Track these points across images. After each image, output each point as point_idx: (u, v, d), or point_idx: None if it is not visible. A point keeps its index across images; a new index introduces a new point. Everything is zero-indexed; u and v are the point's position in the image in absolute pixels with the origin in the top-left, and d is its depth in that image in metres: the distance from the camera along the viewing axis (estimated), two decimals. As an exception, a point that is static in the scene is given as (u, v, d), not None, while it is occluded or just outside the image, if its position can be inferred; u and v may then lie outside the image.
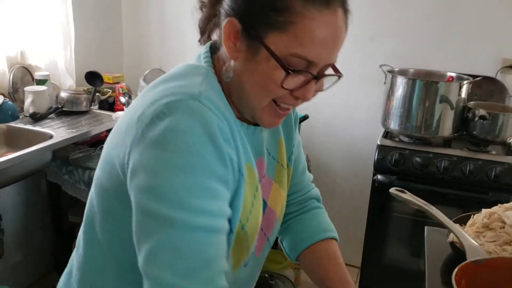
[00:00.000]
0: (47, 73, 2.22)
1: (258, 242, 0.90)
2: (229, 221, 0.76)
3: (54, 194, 2.39)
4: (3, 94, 2.06)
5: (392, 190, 0.97)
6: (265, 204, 0.91)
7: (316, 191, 1.12)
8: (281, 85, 0.74)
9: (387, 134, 2.34)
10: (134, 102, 0.82)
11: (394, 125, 2.24)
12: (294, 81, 0.75)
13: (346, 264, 2.98)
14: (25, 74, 2.19)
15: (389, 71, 2.28)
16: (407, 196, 0.95)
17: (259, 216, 0.87)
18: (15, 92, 2.13)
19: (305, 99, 0.78)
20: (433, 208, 0.92)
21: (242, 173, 0.77)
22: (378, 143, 2.23)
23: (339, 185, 2.80)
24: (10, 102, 2.03)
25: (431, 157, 2.11)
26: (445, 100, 2.10)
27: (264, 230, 0.93)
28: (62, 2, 2.28)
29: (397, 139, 2.29)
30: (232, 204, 0.77)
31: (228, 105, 0.79)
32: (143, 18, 2.89)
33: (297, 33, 0.71)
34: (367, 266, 2.39)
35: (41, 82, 2.17)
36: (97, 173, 0.83)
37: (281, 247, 1.10)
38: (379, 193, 2.22)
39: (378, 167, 2.20)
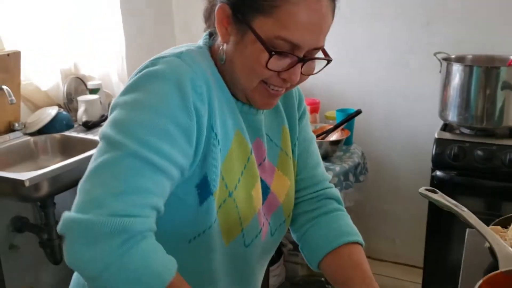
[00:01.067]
0: (99, 82, 2.29)
1: (263, 226, 0.92)
2: (206, 179, 0.80)
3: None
4: (58, 105, 2.15)
5: (422, 190, 0.89)
6: (268, 188, 0.93)
7: (335, 191, 1.05)
8: (266, 66, 0.78)
9: (446, 127, 2.19)
10: None
11: (452, 116, 2.09)
12: (279, 63, 0.79)
13: (412, 266, 2.86)
14: (79, 84, 2.28)
15: (445, 59, 2.13)
16: (438, 196, 0.86)
17: (252, 190, 0.88)
18: (69, 103, 2.22)
19: (292, 81, 0.82)
20: (465, 209, 0.82)
21: (216, 134, 0.81)
22: (436, 136, 2.09)
23: (402, 183, 2.66)
24: (64, 112, 2.12)
25: (495, 150, 1.95)
26: (507, 86, 1.93)
27: (266, 215, 0.93)
28: (111, 12, 2.34)
29: (457, 131, 2.14)
30: (204, 160, 0.80)
31: (218, 75, 0.85)
32: (195, 23, 2.90)
33: (281, 17, 0.76)
34: (430, 267, 2.26)
35: (93, 91, 2.25)
36: None
37: (303, 255, 1.03)
38: (439, 188, 2.08)
39: (437, 163, 2.06)
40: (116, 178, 0.71)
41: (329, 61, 0.84)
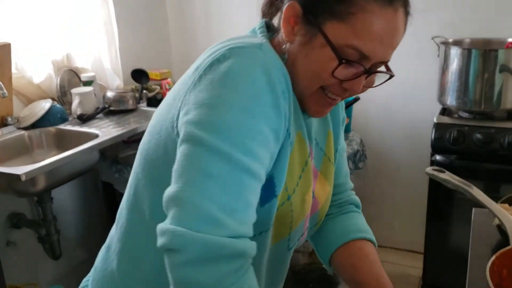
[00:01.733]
0: (92, 74, 2.26)
1: (306, 231, 0.89)
2: (272, 180, 0.76)
3: (110, 193, 2.44)
4: (52, 98, 2.12)
5: (429, 169, 0.87)
6: (312, 193, 0.88)
7: (356, 198, 1.05)
8: (332, 74, 0.74)
9: (445, 111, 2.18)
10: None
11: (451, 100, 2.08)
12: (345, 72, 0.75)
13: (412, 251, 2.87)
14: (72, 76, 2.24)
15: (443, 43, 2.11)
16: (445, 175, 0.84)
17: (307, 194, 0.84)
18: (63, 95, 2.18)
19: (353, 92, 0.78)
20: (474, 187, 0.81)
21: (289, 134, 0.77)
22: (435, 121, 2.08)
23: (400, 171, 2.66)
24: (58, 105, 2.09)
25: (494, 133, 1.94)
26: (506, 69, 1.92)
27: (306, 217, 0.89)
28: (103, 2, 2.31)
29: (455, 115, 2.13)
30: (276, 162, 0.76)
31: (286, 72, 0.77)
32: (188, 11, 2.87)
33: (356, 25, 0.72)
34: (430, 251, 2.26)
35: (87, 83, 2.22)
36: (143, 145, 0.82)
37: (315, 250, 1.03)
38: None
39: (436, 147, 2.05)
40: (226, 193, 0.66)
41: (391, 76, 0.80)
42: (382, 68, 0.79)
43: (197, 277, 0.64)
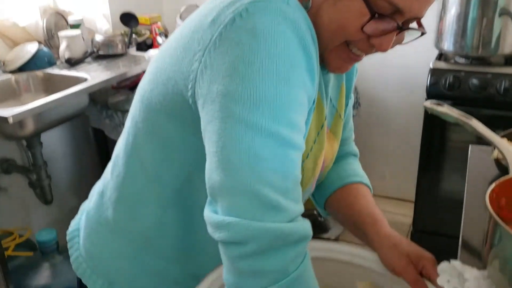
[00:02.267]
0: (80, 17, 2.18)
1: (312, 190, 0.86)
2: None
3: (100, 139, 2.41)
4: (39, 41, 2.05)
5: (427, 103, 0.85)
6: None
7: (355, 148, 1.01)
8: (361, 28, 0.66)
9: (441, 57, 2.14)
10: (195, 13, 0.73)
11: (448, 45, 2.04)
12: (375, 27, 0.67)
13: (403, 200, 2.89)
14: (59, 19, 2.17)
15: (441, -14, 2.05)
16: (444, 109, 0.82)
17: (319, 159, 0.80)
18: (50, 39, 2.12)
19: (381, 49, 0.69)
20: (474, 119, 0.79)
21: (315, 97, 0.71)
22: (431, 66, 2.05)
23: (394, 120, 2.64)
24: (45, 49, 2.03)
25: (490, 78, 1.91)
26: (505, 12, 1.86)
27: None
28: None
29: (452, 61, 2.09)
30: None
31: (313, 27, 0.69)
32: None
33: None
34: (421, 199, 2.27)
35: (74, 26, 2.14)
36: (144, 89, 0.76)
37: (311, 197, 1.00)
38: (432, 121, 2.06)
39: (431, 93, 2.02)
40: (278, 173, 0.61)
41: (423, 33, 0.73)
42: (414, 25, 0.72)
43: (263, 266, 0.61)
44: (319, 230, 2.40)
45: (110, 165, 0.86)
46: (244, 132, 0.60)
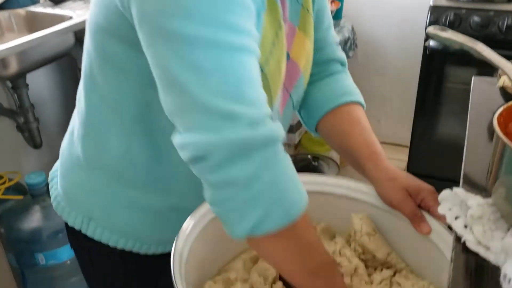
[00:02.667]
0: (63, -48, 2.06)
1: (281, 97, 0.80)
2: None
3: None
4: (19, -23, 1.95)
5: (430, 29, 0.79)
6: (287, 55, 0.79)
7: (341, 54, 0.95)
8: None
9: (442, -6, 2.06)
10: None
11: (449, -19, 1.96)
12: None
13: (398, 145, 2.86)
14: (41, -46, 2.05)
15: None
16: (448, 34, 0.77)
17: (282, 63, 0.75)
18: (32, -25, 2.01)
19: None
20: (479, 43, 0.74)
21: None
22: (431, 3, 1.97)
23: (391, 62, 2.58)
24: (27, -15, 1.93)
25: (492, 15, 1.84)
26: None
27: (286, 86, 0.81)
28: None
29: (453, -2, 2.01)
30: None
31: None
32: None
33: None
34: (416, 144, 2.25)
35: (57, -39, 2.03)
36: (90, 17, 0.72)
37: (299, 117, 0.97)
38: (431, 61, 2.01)
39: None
40: (228, 80, 0.58)
41: None
42: None
43: (230, 175, 0.59)
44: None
45: (76, 105, 0.85)
46: (183, 48, 0.57)
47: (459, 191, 0.60)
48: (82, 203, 0.85)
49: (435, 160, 2.24)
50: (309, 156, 2.34)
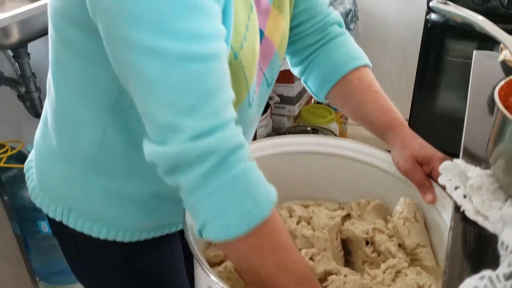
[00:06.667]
0: None
1: (256, 77, 0.78)
2: None
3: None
4: None
5: (433, 2, 0.80)
6: (262, 33, 0.77)
7: (336, 15, 0.93)
8: None
9: (444, -33, 2.05)
10: None
11: (452, -47, 1.94)
12: None
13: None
14: None
15: None
16: (451, 7, 0.78)
17: (256, 44, 0.73)
18: None
19: None
20: (481, 17, 0.75)
21: None
22: (433, -23, 1.96)
23: (392, 34, 2.57)
24: (27, -47, 1.90)
25: (494, -11, 1.84)
26: None
27: (260, 64, 0.80)
28: None
29: (455, -29, 2.00)
30: (222, 22, 0.62)
31: None
32: None
33: None
34: (415, 118, 2.27)
35: None
36: (50, 2, 0.69)
37: (306, 88, 0.96)
38: (432, 34, 2.01)
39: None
40: (175, 92, 0.56)
41: None
42: None
43: (176, 182, 0.61)
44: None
45: (47, 94, 0.81)
46: (131, 55, 0.56)
47: (459, 162, 0.62)
48: (60, 194, 0.82)
49: (434, 133, 2.26)
50: (308, 128, 2.36)
